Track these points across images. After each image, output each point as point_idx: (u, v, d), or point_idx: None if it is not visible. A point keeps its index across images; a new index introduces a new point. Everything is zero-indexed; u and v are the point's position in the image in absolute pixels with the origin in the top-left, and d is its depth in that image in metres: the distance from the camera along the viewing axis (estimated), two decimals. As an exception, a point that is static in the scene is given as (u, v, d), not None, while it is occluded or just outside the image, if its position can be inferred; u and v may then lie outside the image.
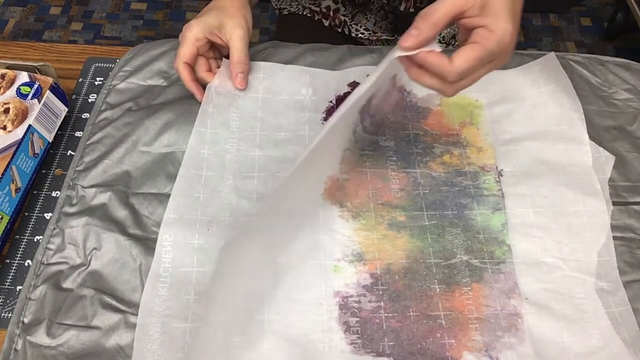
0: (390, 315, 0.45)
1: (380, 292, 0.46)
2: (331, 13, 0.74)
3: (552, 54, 0.59)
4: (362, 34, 0.73)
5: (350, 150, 0.54)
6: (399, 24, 0.73)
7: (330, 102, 0.58)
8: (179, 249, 0.47)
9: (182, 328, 0.44)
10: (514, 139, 0.55)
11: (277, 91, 0.58)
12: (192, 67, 0.56)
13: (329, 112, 0.57)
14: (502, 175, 0.53)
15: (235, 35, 0.55)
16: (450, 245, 0.49)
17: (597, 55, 0.63)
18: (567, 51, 1.61)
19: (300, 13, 0.77)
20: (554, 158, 0.54)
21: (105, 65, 0.63)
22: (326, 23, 0.75)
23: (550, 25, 1.69)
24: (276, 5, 0.80)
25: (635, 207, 0.51)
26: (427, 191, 0.52)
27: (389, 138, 0.56)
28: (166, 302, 0.45)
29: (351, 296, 0.46)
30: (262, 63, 0.60)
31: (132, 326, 0.44)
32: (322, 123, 0.56)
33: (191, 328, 0.44)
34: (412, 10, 0.70)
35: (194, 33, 0.55)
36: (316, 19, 0.75)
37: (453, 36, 0.74)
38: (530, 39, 1.65)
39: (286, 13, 0.79)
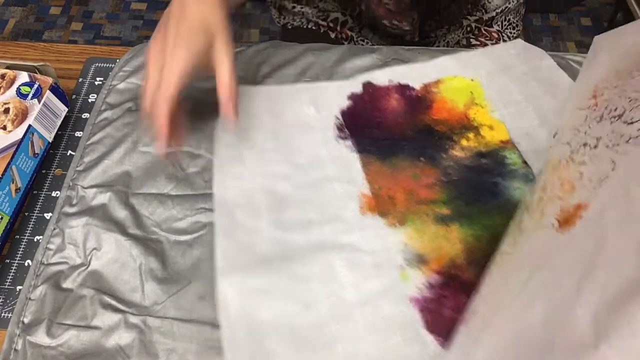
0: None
1: (454, 287, 0.46)
2: (338, 27, 0.73)
3: (519, 40, 0.63)
4: (369, 43, 0.73)
5: (372, 161, 0.54)
6: (405, 44, 0.72)
7: (337, 118, 0.57)
8: (243, 297, 0.45)
9: None
10: (519, 111, 0.57)
11: (280, 115, 0.56)
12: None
13: (340, 128, 0.56)
14: (520, 149, 0.54)
15: (224, 63, 0.46)
16: (500, 225, 0.49)
17: (597, 55, 0.63)
18: (567, 51, 1.61)
19: (305, 27, 0.75)
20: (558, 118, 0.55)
21: (105, 65, 0.63)
22: (332, 35, 0.74)
23: (550, 25, 1.69)
24: (279, 22, 0.77)
25: (636, 207, 0.52)
26: (458, 179, 0.52)
27: (404, 137, 0.56)
28: (254, 355, 0.43)
29: (428, 299, 0.46)
30: (257, 88, 0.58)
31: (132, 326, 0.44)
32: (337, 142, 0.55)
33: None
34: (416, 39, 0.70)
35: (182, 69, 0.45)
36: (322, 31, 0.74)
37: (457, 42, 0.74)
38: (530, 39, 1.64)
39: (290, 27, 0.77)
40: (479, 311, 0.42)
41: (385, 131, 0.56)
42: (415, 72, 0.60)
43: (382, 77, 0.59)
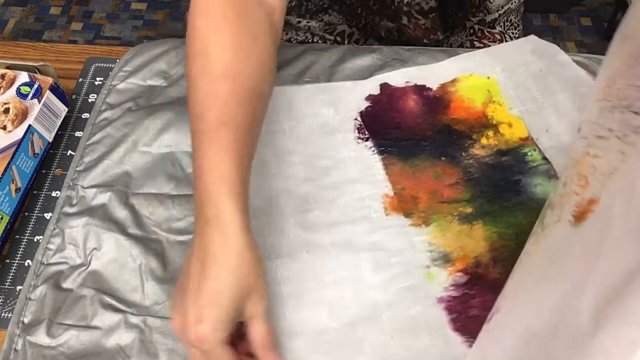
0: None
1: (481, 286, 0.46)
2: (345, 40, 0.73)
3: (532, 36, 0.63)
4: None
5: (394, 162, 0.54)
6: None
7: (356, 119, 0.57)
8: (271, 302, 0.44)
9: None
10: (537, 108, 0.57)
11: (299, 117, 0.56)
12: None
13: (360, 130, 0.56)
14: (539, 145, 0.54)
15: (259, 317, 0.39)
16: (524, 222, 0.49)
17: (597, 55, 0.63)
18: (567, 51, 1.61)
19: (309, 41, 0.74)
20: (576, 113, 0.55)
21: (105, 65, 0.63)
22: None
23: (550, 25, 1.69)
24: (282, 37, 0.75)
25: (636, 207, 0.51)
26: (479, 177, 0.52)
27: (424, 137, 0.55)
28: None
29: (455, 298, 0.46)
30: (275, 88, 0.58)
31: (132, 326, 0.44)
32: (358, 143, 0.55)
33: None
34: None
35: (218, 343, 0.37)
36: (328, 44, 0.74)
37: (461, 44, 0.74)
38: (530, 39, 1.64)
39: (294, 42, 0.75)
40: (499, 310, 0.42)
41: (404, 132, 0.56)
42: (431, 72, 0.60)
43: (399, 78, 0.59)
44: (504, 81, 0.59)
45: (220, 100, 0.41)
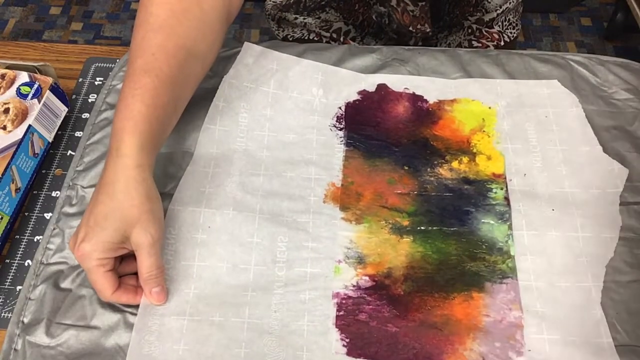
0: (388, 319, 0.45)
1: (380, 296, 0.46)
2: (341, 37, 0.73)
3: (555, 81, 0.60)
4: None
5: (356, 156, 0.54)
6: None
7: (340, 108, 0.57)
8: (181, 242, 0.47)
9: (180, 321, 0.44)
10: (525, 150, 0.55)
11: (288, 87, 0.58)
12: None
13: (338, 119, 0.57)
14: (509, 186, 0.53)
15: (142, 249, 0.42)
16: (453, 253, 0.49)
17: (597, 55, 0.63)
18: (567, 51, 1.61)
19: (306, 38, 0.75)
20: (565, 168, 0.54)
21: (105, 65, 0.63)
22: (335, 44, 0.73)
23: (550, 25, 1.69)
24: (278, 34, 0.76)
25: (635, 207, 0.51)
26: (432, 196, 0.52)
27: (398, 143, 0.55)
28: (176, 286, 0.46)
29: (350, 298, 0.46)
30: (276, 53, 0.59)
31: (131, 326, 0.44)
32: (331, 130, 0.56)
33: (189, 321, 0.44)
34: (420, 44, 0.69)
35: (95, 262, 0.42)
36: (324, 42, 0.74)
37: (459, 44, 0.74)
38: (530, 39, 1.64)
39: (291, 39, 0.76)
40: None
41: (380, 132, 0.56)
42: (435, 85, 0.59)
43: (399, 83, 0.59)
44: (504, 115, 0.57)
45: (148, 50, 0.46)
